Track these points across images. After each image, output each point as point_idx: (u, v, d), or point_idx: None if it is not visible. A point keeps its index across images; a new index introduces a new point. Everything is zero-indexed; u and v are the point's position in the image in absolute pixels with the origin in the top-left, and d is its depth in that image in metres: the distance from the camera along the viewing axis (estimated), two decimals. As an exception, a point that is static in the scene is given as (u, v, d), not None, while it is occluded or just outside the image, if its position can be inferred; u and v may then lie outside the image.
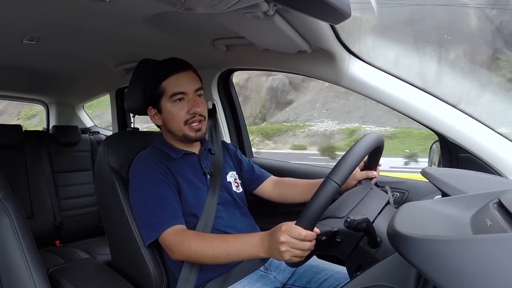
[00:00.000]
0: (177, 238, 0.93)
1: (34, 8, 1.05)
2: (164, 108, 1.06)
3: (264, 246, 0.82)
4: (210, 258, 0.90)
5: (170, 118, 1.06)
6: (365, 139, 0.85)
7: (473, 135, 1.01)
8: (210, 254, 0.89)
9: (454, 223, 0.49)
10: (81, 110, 2.79)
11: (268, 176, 1.27)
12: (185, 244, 0.92)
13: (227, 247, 0.87)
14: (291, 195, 1.20)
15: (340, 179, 0.76)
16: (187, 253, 0.92)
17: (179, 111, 1.04)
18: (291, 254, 0.77)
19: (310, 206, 0.75)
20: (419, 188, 1.20)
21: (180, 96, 1.04)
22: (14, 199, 0.93)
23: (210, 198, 1.07)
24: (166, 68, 1.06)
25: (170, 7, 0.87)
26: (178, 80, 1.04)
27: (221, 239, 0.90)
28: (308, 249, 0.77)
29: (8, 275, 0.86)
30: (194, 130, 1.06)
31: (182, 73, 1.05)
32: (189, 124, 1.05)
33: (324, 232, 0.79)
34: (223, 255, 0.88)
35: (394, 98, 1.09)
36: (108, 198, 1.10)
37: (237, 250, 0.86)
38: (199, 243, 0.90)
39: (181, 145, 1.11)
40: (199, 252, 0.90)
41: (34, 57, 1.66)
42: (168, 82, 1.04)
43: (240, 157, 1.28)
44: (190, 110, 1.04)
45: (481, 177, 0.76)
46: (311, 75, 1.26)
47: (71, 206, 2.16)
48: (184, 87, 1.04)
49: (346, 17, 0.82)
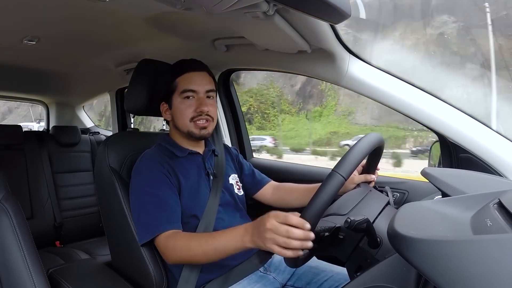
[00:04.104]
0: (170, 242, 0.94)
1: (34, 8, 1.05)
2: (174, 104, 1.08)
3: (248, 235, 0.81)
4: (201, 257, 0.90)
5: (178, 113, 1.08)
6: (369, 136, 0.86)
7: (473, 135, 1.01)
8: (200, 252, 0.89)
9: (454, 223, 0.49)
10: (81, 110, 2.79)
11: (268, 181, 1.28)
12: (176, 246, 0.93)
13: (214, 242, 0.87)
14: (289, 200, 1.21)
15: (345, 173, 0.75)
16: (180, 255, 0.93)
17: (187, 108, 1.06)
18: (274, 242, 0.73)
19: (315, 199, 0.74)
20: (419, 188, 1.20)
21: (190, 94, 1.06)
22: (14, 200, 0.93)
23: (212, 199, 1.07)
24: (182, 65, 1.09)
25: (170, 7, 0.88)
26: (191, 78, 1.07)
27: (208, 236, 0.91)
28: (296, 238, 0.71)
29: (8, 276, 0.86)
30: (198, 128, 1.07)
31: (196, 73, 1.08)
32: (194, 122, 1.06)
33: (327, 228, 0.78)
34: (211, 251, 0.88)
35: (394, 98, 1.09)
36: (108, 198, 1.09)
37: (223, 244, 0.86)
38: (190, 243, 0.91)
39: (186, 143, 1.12)
40: (190, 252, 0.91)
41: (34, 57, 1.66)
42: (181, 79, 1.07)
43: (241, 161, 1.29)
44: (198, 108, 1.05)
45: (481, 177, 0.76)
46: (311, 75, 1.26)
47: (71, 206, 2.16)
48: (196, 85, 1.06)
49: (346, 17, 0.82)
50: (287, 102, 16.45)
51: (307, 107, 16.18)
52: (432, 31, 12.12)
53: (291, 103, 16.56)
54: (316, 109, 15.94)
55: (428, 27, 12.21)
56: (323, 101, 15.98)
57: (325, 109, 15.74)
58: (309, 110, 15.99)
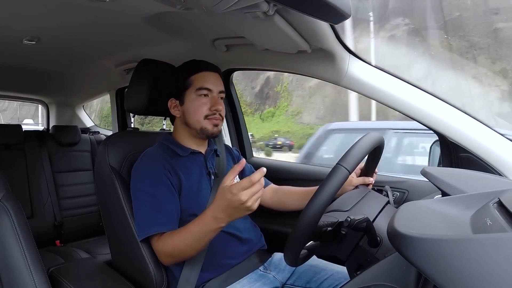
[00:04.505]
0: (159, 244, 0.97)
1: (34, 8, 1.05)
2: (188, 100, 1.09)
3: (222, 219, 0.85)
4: (188, 250, 0.93)
5: (192, 110, 1.08)
6: (372, 134, 0.87)
7: (473, 135, 1.01)
8: (187, 247, 0.92)
9: (454, 222, 0.49)
10: (81, 110, 2.79)
11: (268, 184, 1.29)
12: (164, 247, 0.95)
13: (193, 232, 0.90)
14: (288, 203, 1.22)
15: (350, 166, 0.76)
16: (172, 254, 0.95)
17: (202, 105, 1.07)
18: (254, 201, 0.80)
19: (320, 191, 0.74)
20: (419, 187, 1.20)
21: (206, 92, 1.08)
22: (14, 199, 0.93)
23: (213, 198, 1.07)
24: (197, 64, 1.11)
25: (170, 7, 0.88)
26: (207, 77, 1.09)
27: (185, 229, 0.93)
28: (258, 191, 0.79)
29: (8, 275, 0.86)
30: (212, 125, 1.09)
31: (211, 73, 1.10)
32: (209, 119, 1.08)
33: (330, 223, 0.78)
34: (194, 242, 0.91)
35: (394, 98, 1.09)
36: (108, 198, 1.09)
37: (201, 231, 0.89)
38: (175, 240, 0.94)
39: (190, 142, 1.12)
40: (177, 249, 0.94)
41: (34, 57, 1.66)
42: (197, 76, 1.08)
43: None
44: (213, 106, 1.08)
45: (481, 176, 0.76)
46: (311, 75, 1.26)
47: (71, 205, 2.16)
48: (211, 85, 1.08)
49: (346, 17, 0.82)
50: (245, 103, 16.95)
51: (263, 108, 16.92)
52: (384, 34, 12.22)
53: (248, 104, 17.14)
54: (269, 110, 16.74)
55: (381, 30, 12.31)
56: (277, 102, 16.61)
57: (278, 109, 16.47)
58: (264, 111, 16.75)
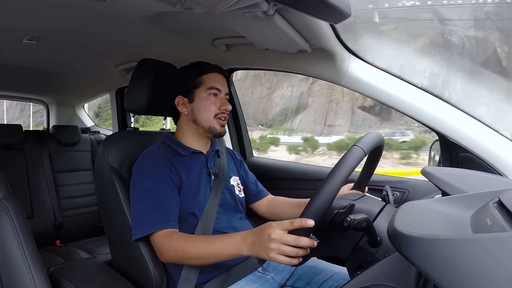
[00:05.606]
0: (165, 241, 0.95)
1: (34, 8, 1.05)
2: (198, 98, 1.11)
3: (246, 244, 0.82)
4: (196, 259, 0.91)
5: (202, 108, 1.10)
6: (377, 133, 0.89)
7: (473, 135, 1.01)
8: (195, 254, 0.90)
9: (454, 222, 0.49)
10: (81, 110, 2.80)
11: (266, 194, 1.30)
12: (171, 246, 0.94)
13: (210, 247, 0.88)
14: (280, 213, 1.23)
15: (366, 147, 0.78)
16: (175, 255, 0.94)
17: (212, 104, 1.10)
18: (279, 251, 0.73)
19: (338, 166, 0.74)
20: (419, 187, 1.21)
21: (216, 92, 1.11)
22: (14, 199, 0.93)
23: (212, 199, 1.07)
24: (207, 65, 1.15)
25: (170, 6, 0.87)
26: (216, 78, 1.13)
27: (205, 239, 0.92)
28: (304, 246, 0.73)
29: (9, 275, 0.86)
30: (220, 125, 1.11)
31: (219, 74, 1.14)
32: (218, 118, 1.11)
33: (342, 206, 0.79)
34: (206, 255, 0.89)
35: (394, 98, 1.09)
36: (108, 197, 1.09)
37: (219, 249, 0.87)
38: (185, 244, 0.92)
39: (192, 142, 1.13)
40: (185, 253, 0.92)
41: (34, 57, 1.66)
42: (208, 76, 1.12)
43: (246, 169, 1.31)
44: (222, 106, 1.11)
45: (481, 176, 0.76)
46: (311, 74, 1.27)
47: (71, 205, 2.16)
48: (220, 86, 1.13)
49: (346, 16, 0.82)
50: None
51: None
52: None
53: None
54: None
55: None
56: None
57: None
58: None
